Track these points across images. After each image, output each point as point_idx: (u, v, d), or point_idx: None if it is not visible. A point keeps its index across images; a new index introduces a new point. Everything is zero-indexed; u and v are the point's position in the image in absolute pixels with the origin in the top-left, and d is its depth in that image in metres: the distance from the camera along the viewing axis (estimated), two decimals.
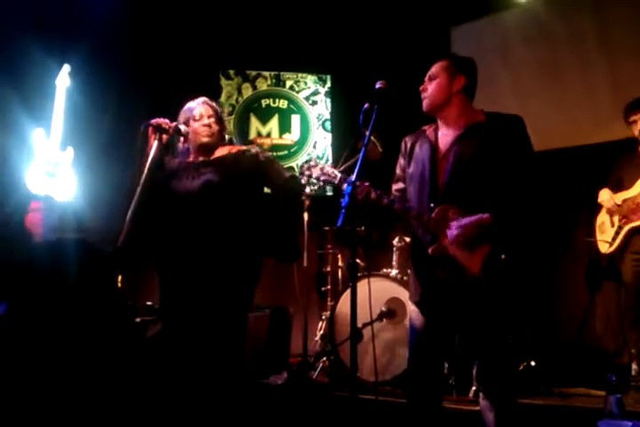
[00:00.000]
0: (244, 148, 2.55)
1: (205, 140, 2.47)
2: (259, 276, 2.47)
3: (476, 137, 2.11)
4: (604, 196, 3.46)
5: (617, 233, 3.37)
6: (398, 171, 2.31)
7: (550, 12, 4.32)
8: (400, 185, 2.29)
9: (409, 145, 2.27)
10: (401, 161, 2.30)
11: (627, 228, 3.32)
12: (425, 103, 2.20)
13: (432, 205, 2.09)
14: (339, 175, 2.17)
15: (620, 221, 3.36)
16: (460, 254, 2.05)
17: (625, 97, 3.51)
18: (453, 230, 2.04)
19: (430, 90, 2.18)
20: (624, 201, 3.36)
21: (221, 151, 2.52)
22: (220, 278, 2.34)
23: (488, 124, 2.13)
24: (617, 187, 3.44)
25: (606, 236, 3.44)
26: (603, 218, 3.50)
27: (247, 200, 2.43)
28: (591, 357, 3.70)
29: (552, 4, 4.34)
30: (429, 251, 2.09)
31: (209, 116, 2.48)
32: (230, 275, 2.35)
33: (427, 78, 2.21)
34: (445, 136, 2.19)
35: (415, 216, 2.11)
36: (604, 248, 3.45)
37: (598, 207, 3.52)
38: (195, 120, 2.48)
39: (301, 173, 2.30)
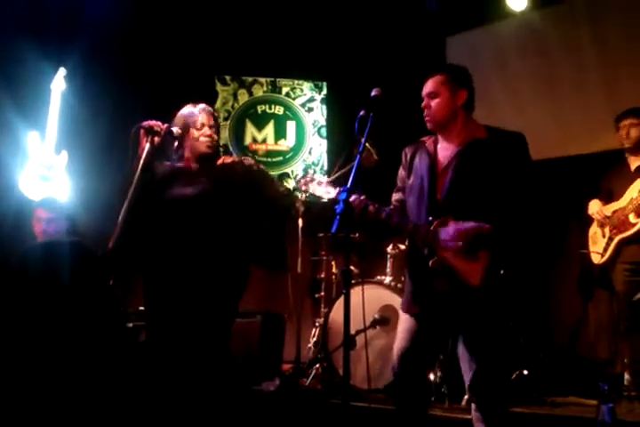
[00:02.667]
0: (239, 159, 2.54)
1: (207, 150, 2.45)
2: (245, 284, 2.46)
3: (477, 153, 2.11)
4: (594, 208, 3.47)
5: (608, 244, 3.38)
6: (399, 182, 2.31)
7: (545, 23, 4.36)
8: (400, 196, 2.29)
9: (409, 156, 2.26)
10: (401, 172, 2.30)
11: (617, 239, 3.33)
12: (430, 122, 2.18)
13: (430, 218, 2.09)
14: (336, 190, 2.15)
15: (610, 231, 3.37)
16: (459, 266, 2.05)
17: (619, 107, 3.53)
18: (453, 236, 2.03)
19: (434, 108, 2.15)
20: (614, 212, 3.37)
21: (214, 161, 2.50)
22: (207, 285, 2.34)
23: (489, 140, 2.13)
24: (608, 197, 3.45)
25: (598, 247, 3.45)
26: (595, 229, 3.52)
27: (238, 210, 2.42)
28: (584, 366, 3.71)
29: (547, 14, 4.38)
30: (430, 264, 2.07)
31: (210, 127, 2.46)
32: (217, 282, 2.35)
33: (426, 95, 2.17)
34: (445, 149, 2.18)
35: (412, 230, 2.11)
36: (597, 259, 3.46)
37: (590, 218, 3.53)
38: (196, 128, 2.46)
39: (298, 189, 2.30)
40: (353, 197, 2.05)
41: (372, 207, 2.10)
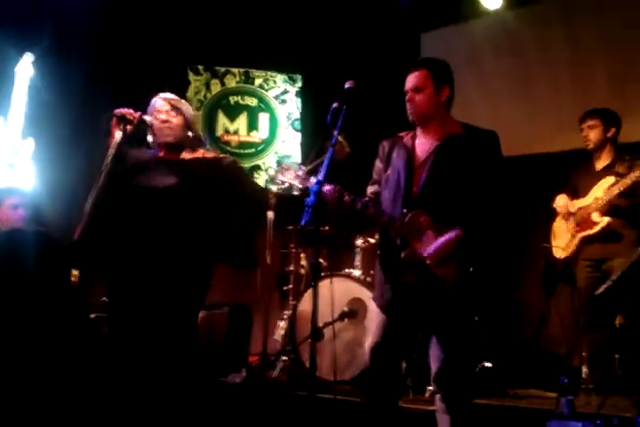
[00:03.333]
0: (219, 156, 2.51)
1: (168, 139, 2.42)
2: (209, 280, 2.45)
3: (454, 149, 2.13)
4: (561, 201, 3.54)
5: (570, 241, 3.44)
6: (375, 174, 2.32)
7: (519, 22, 4.40)
8: (375, 188, 2.30)
9: (386, 149, 2.27)
10: (378, 164, 2.30)
11: (579, 236, 3.39)
12: (413, 115, 2.17)
13: (405, 210, 2.11)
14: (312, 179, 2.13)
15: (573, 228, 3.45)
16: (432, 265, 2.07)
17: (589, 107, 3.59)
18: (430, 252, 2.05)
19: (418, 102, 2.14)
20: (579, 209, 3.44)
21: (194, 153, 2.46)
22: (170, 279, 2.32)
23: (466, 137, 2.16)
24: (573, 195, 3.52)
25: (560, 242, 3.52)
26: (559, 223, 3.58)
27: (210, 205, 2.40)
28: (545, 359, 3.79)
29: (521, 14, 4.42)
30: (402, 255, 2.10)
31: (166, 112, 2.42)
32: (180, 276, 2.33)
33: (410, 89, 2.15)
34: (423, 144, 2.20)
35: (387, 221, 2.12)
36: (558, 254, 3.53)
37: (555, 213, 3.60)
38: (154, 118, 2.43)
39: (273, 178, 2.29)
40: (328, 187, 2.06)
41: (347, 197, 2.11)
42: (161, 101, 2.45)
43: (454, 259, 2.06)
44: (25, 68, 3.84)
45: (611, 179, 3.32)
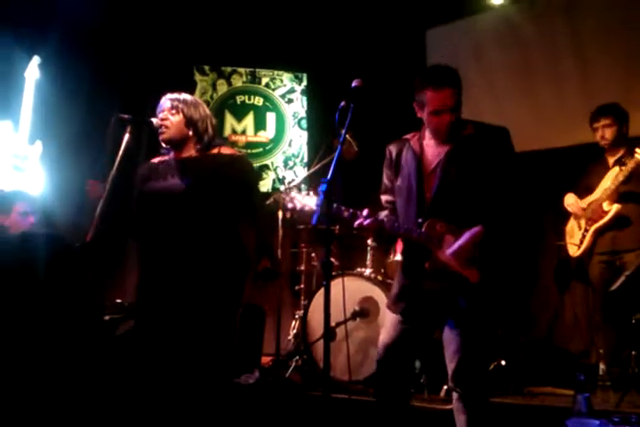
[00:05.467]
0: (234, 154, 2.44)
1: (161, 137, 2.40)
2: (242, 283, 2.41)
3: (465, 151, 2.11)
4: (569, 200, 3.52)
5: (584, 236, 3.42)
6: (386, 181, 2.28)
7: (523, 17, 4.39)
8: (389, 197, 2.27)
9: (394, 154, 2.24)
10: (387, 171, 2.27)
11: (592, 229, 3.38)
12: (443, 133, 2.12)
13: (420, 220, 2.10)
14: (320, 203, 2.06)
15: (586, 223, 3.42)
16: (456, 266, 2.06)
17: (595, 100, 3.56)
18: (452, 252, 2.04)
19: (451, 120, 2.08)
20: (589, 204, 3.42)
21: (208, 151, 2.41)
22: (199, 277, 2.30)
23: (477, 136, 2.13)
24: (585, 192, 3.50)
25: (574, 240, 3.49)
26: (571, 223, 3.56)
27: (217, 204, 2.36)
28: (560, 357, 3.76)
29: (525, 8, 4.40)
30: (426, 266, 2.09)
31: (166, 110, 2.39)
32: (203, 277, 2.31)
33: (447, 108, 2.08)
34: (432, 147, 2.17)
35: (404, 233, 2.10)
36: (573, 251, 3.50)
37: (566, 211, 3.57)
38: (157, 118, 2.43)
39: (284, 206, 2.25)
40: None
41: (365, 218, 2.07)
42: (163, 101, 2.45)
43: (476, 257, 2.04)
44: (32, 71, 3.85)
45: (616, 169, 3.34)
